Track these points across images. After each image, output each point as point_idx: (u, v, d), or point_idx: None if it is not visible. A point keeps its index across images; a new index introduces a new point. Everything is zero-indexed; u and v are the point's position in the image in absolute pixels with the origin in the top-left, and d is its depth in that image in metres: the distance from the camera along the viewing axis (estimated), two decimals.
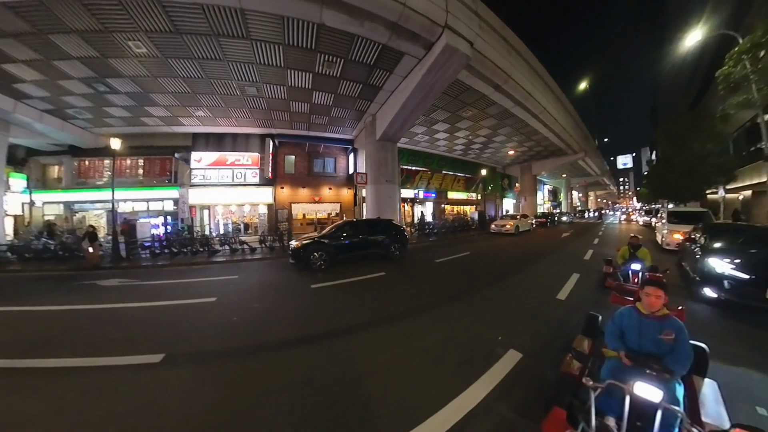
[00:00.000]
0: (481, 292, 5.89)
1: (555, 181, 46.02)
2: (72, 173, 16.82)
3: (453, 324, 4.27)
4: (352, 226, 9.54)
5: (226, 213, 18.38)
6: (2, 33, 7.96)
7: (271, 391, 2.73)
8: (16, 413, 2.52)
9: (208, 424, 2.33)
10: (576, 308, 4.75)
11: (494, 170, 29.83)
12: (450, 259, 9.72)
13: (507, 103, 13.58)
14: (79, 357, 3.48)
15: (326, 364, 3.22)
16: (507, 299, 5.38)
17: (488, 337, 3.78)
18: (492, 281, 6.70)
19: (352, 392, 2.70)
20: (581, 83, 45.20)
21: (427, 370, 3.05)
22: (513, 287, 6.21)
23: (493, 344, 3.55)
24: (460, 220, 21.43)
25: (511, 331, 3.90)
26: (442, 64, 8.87)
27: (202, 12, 7.23)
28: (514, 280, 6.81)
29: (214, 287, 6.62)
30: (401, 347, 3.59)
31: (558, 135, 19.85)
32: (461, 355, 3.34)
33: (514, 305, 5.03)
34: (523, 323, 4.23)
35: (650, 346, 2.08)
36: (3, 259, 10.67)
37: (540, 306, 4.95)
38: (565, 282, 6.33)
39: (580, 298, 5.38)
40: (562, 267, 7.98)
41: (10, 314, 5.28)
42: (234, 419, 2.38)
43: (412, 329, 4.13)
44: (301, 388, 2.77)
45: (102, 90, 11.45)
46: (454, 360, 3.25)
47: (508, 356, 3.24)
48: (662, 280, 2.19)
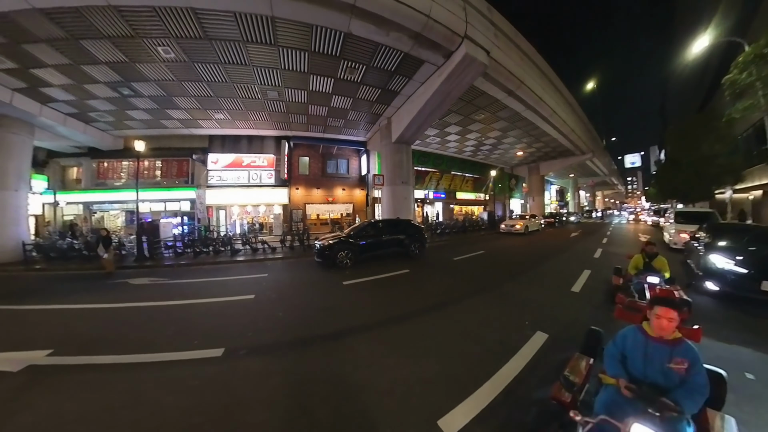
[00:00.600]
0: (502, 286, 6.33)
1: (562, 181, 46.15)
2: (91, 174, 17.23)
3: (483, 312, 4.78)
4: (374, 226, 9.93)
5: (242, 213, 18.72)
6: (35, 38, 8.22)
7: (342, 375, 3.01)
8: (95, 408, 2.60)
9: (291, 410, 2.49)
10: (589, 300, 5.38)
11: (502, 171, 30.03)
12: (467, 257, 10.11)
13: (519, 107, 13.85)
14: (141, 353, 3.62)
15: (384, 349, 3.57)
16: (527, 292, 5.89)
17: (516, 322, 4.34)
18: (510, 276, 7.14)
19: (415, 369, 3.09)
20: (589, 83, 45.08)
21: (471, 349, 3.55)
22: (530, 282, 6.69)
23: (521, 328, 4.12)
24: (470, 220, 21.69)
25: (535, 318, 4.47)
26: (460, 72, 9.15)
27: (234, 19, 7.48)
28: (530, 275, 7.29)
29: (248, 285, 6.90)
30: (444, 332, 4.05)
31: (567, 136, 20.07)
32: (497, 337, 3.87)
33: (534, 296, 5.57)
34: (544, 311, 4.79)
35: (657, 375, 1.73)
36: (29, 259, 11.04)
37: (557, 297, 5.53)
38: (578, 277, 6.81)
39: (592, 290, 5.94)
40: (574, 264, 8.41)
41: (58, 312, 5.45)
42: (313, 405, 2.55)
43: (449, 317, 4.59)
44: (366, 369, 3.11)
45: (126, 93, 11.73)
46: (491, 340, 3.77)
47: (536, 337, 3.81)
48: (675, 299, 1.85)
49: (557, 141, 20.76)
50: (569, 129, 19.18)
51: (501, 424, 2.31)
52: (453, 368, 3.12)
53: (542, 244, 13.13)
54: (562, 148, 23.48)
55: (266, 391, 2.78)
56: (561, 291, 5.89)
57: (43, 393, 2.90)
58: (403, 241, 9.79)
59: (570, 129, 19.29)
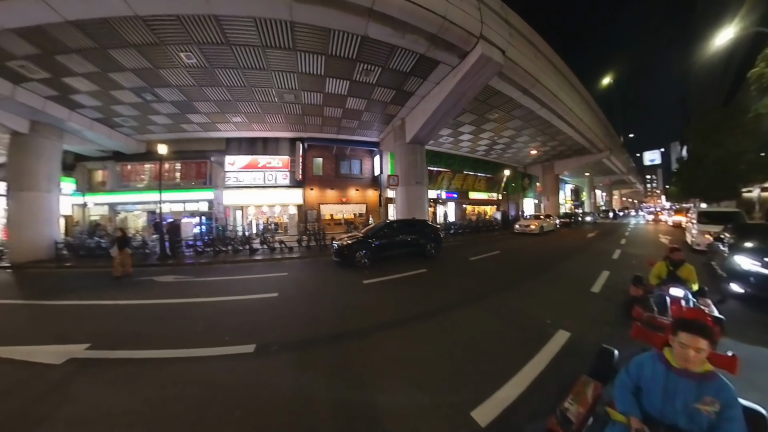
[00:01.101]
0: (521, 286, 6.35)
1: (577, 180, 45.07)
2: (115, 177, 17.97)
3: (505, 311, 4.83)
4: (391, 226, 10.01)
5: (258, 213, 19.14)
6: (67, 49, 8.67)
7: (374, 369, 3.12)
8: (136, 401, 2.69)
9: (331, 403, 2.57)
10: (609, 300, 5.35)
11: (515, 170, 29.61)
12: (482, 257, 10.11)
13: (534, 105, 13.68)
14: (174, 348, 3.71)
15: (412, 345, 3.68)
16: (546, 291, 5.91)
17: (538, 321, 4.38)
18: (528, 277, 7.13)
19: (443, 364, 3.22)
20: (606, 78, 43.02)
21: (497, 346, 3.65)
22: (549, 282, 6.69)
23: (543, 326, 4.15)
24: (483, 220, 21.50)
25: (556, 317, 4.49)
26: (475, 72, 9.13)
27: (254, 25, 7.68)
28: (548, 275, 7.28)
29: (270, 283, 7.08)
30: (468, 330, 4.14)
31: (583, 134, 19.66)
32: (520, 334, 3.95)
33: (554, 296, 5.59)
34: (565, 310, 4.79)
35: (679, 416, 1.40)
36: (60, 256, 11.69)
37: (577, 297, 5.54)
38: (596, 278, 6.75)
39: (612, 291, 5.87)
40: (592, 265, 8.32)
41: (92, 308, 5.68)
42: (350, 398, 2.64)
43: (471, 316, 4.67)
44: (396, 364, 3.22)
45: (149, 99, 12.19)
46: (515, 338, 3.86)
47: (558, 335, 3.82)
48: (705, 324, 1.44)
49: (573, 139, 20.35)
50: (585, 126, 18.78)
51: (531, 414, 2.40)
52: (480, 363, 3.21)
53: (558, 245, 12.95)
54: (578, 147, 22.99)
55: (304, 385, 2.88)
56: (580, 291, 5.88)
57: (85, 385, 3.04)
58: (419, 241, 9.84)
59: (586, 126, 18.88)
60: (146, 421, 2.45)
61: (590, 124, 19.53)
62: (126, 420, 2.47)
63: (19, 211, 12.03)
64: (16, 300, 6.52)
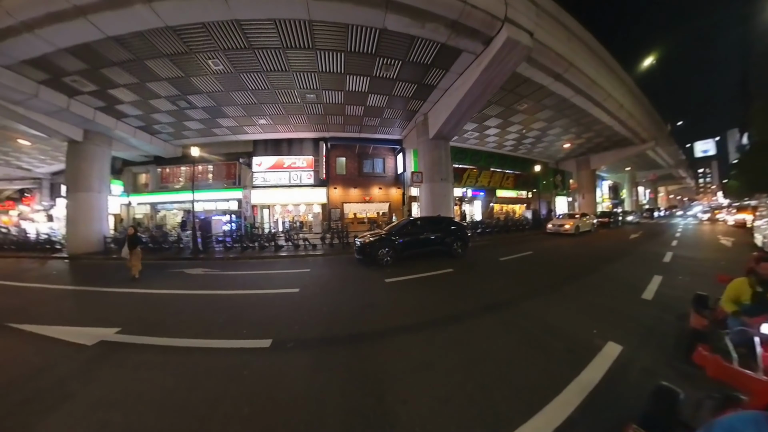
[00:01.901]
0: (559, 290, 5.76)
1: (616, 175, 41.60)
2: (156, 179, 19.66)
3: (542, 317, 4.34)
4: (415, 223, 9.74)
5: (284, 212, 19.79)
6: (110, 62, 9.47)
7: (394, 376, 2.86)
8: (154, 388, 2.80)
9: (341, 410, 2.39)
10: (666, 309, 4.59)
11: (546, 166, 27.92)
12: (513, 258, 9.47)
13: (567, 92, 12.70)
14: (195, 338, 3.83)
15: (437, 351, 3.37)
16: (589, 297, 5.27)
17: (583, 329, 3.86)
18: (566, 280, 6.47)
19: (473, 375, 2.83)
20: (649, 58, 37.69)
21: (534, 357, 3.20)
22: (591, 286, 6.00)
23: (589, 336, 3.64)
24: (512, 219, 20.49)
25: (603, 326, 3.96)
26: (502, 58, 8.59)
27: (274, 26, 7.86)
28: (589, 279, 6.57)
29: (293, 279, 7.17)
30: (501, 337, 3.73)
31: (623, 123, 17.97)
32: (562, 345, 3.46)
33: (598, 302, 4.97)
34: (613, 319, 4.24)
35: None
36: (108, 249, 13.11)
37: (626, 304, 4.87)
38: (647, 283, 5.96)
39: (669, 299, 5.08)
40: (640, 269, 7.43)
41: (126, 295, 6.19)
42: (365, 407, 2.41)
43: (504, 321, 4.25)
44: (423, 372, 2.93)
45: (183, 106, 13.04)
46: (556, 348, 3.38)
47: (608, 348, 3.33)
48: None
49: (612, 129, 18.69)
50: (626, 114, 17.16)
51: None
52: (516, 377, 2.80)
53: (598, 246, 11.90)
54: (618, 137, 21.09)
55: (316, 388, 2.72)
56: (630, 298, 5.20)
57: (111, 367, 3.23)
58: (444, 239, 9.47)
59: (627, 114, 17.24)
60: (160, 409, 2.49)
61: (632, 111, 17.82)
62: (142, 406, 2.52)
63: (75, 209, 13.57)
64: (67, 286, 7.35)
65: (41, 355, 3.55)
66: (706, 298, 3.42)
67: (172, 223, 19.40)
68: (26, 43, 8.18)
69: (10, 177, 23.86)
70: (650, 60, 27.93)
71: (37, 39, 7.99)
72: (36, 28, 7.60)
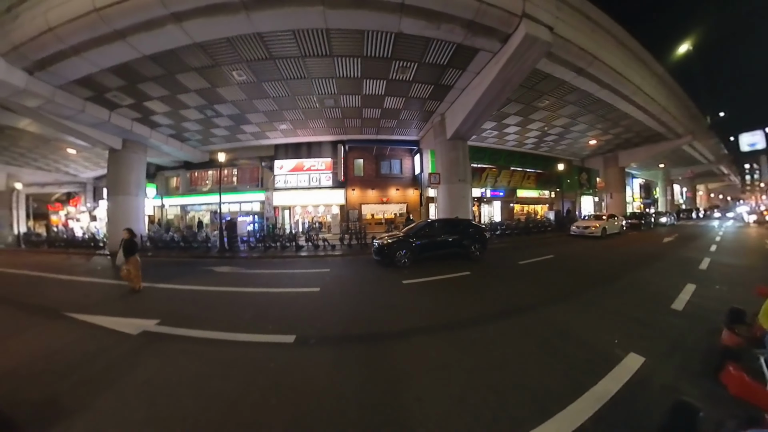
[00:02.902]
0: (581, 296, 5.54)
1: (648, 173, 39.06)
2: (186, 182, 21.07)
3: (561, 323, 4.23)
4: (433, 225, 9.76)
5: (304, 213, 20.42)
6: (144, 78, 10.26)
7: (411, 375, 2.93)
8: (191, 375, 3.05)
9: (362, 405, 2.48)
10: (696, 322, 4.23)
11: (570, 164, 26.76)
12: (534, 261, 9.18)
13: (592, 87, 12.18)
14: (225, 331, 4.09)
15: (453, 353, 3.39)
16: (613, 305, 5.02)
17: (604, 339, 3.71)
18: (590, 286, 6.21)
19: (488, 379, 2.84)
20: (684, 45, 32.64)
21: (550, 364, 3.15)
22: (616, 293, 5.70)
23: (610, 346, 3.51)
24: (533, 220, 19.84)
25: (626, 336, 3.78)
26: (520, 55, 8.42)
27: (293, 37, 8.19)
28: (615, 286, 6.23)
29: (313, 279, 7.40)
30: (518, 342, 3.69)
31: (656, 117, 16.90)
32: (580, 353, 3.36)
33: (622, 311, 4.73)
34: (637, 329, 4.02)
35: None
36: (144, 248, 14.07)
37: (653, 314, 4.58)
38: (679, 292, 5.53)
39: (700, 311, 4.66)
40: (672, 276, 6.89)
41: (163, 290, 6.70)
42: (383, 403, 2.49)
43: (522, 326, 4.18)
44: (439, 373, 2.98)
45: (210, 115, 13.83)
46: (574, 356, 3.30)
47: (629, 359, 3.17)
48: None
49: (642, 124, 17.65)
50: (658, 107, 16.14)
51: None
52: (530, 382, 2.78)
53: (626, 250, 11.20)
54: (650, 132, 19.87)
55: (336, 382, 2.84)
56: (657, 307, 4.88)
57: (152, 355, 3.56)
58: (462, 241, 9.38)
59: (659, 107, 16.22)
60: (198, 393, 2.74)
61: (665, 103, 16.74)
62: (182, 390, 2.80)
63: (115, 210, 15.02)
64: (110, 280, 8.18)
65: (94, 341, 4.01)
66: (743, 313, 3.13)
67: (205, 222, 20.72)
68: (74, 65, 9.17)
69: (59, 182, 26.35)
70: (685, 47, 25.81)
71: (83, 61, 8.92)
72: (82, 52, 8.50)
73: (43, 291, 7.02)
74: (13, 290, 7.12)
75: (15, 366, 3.36)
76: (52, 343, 3.97)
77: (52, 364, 3.39)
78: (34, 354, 3.65)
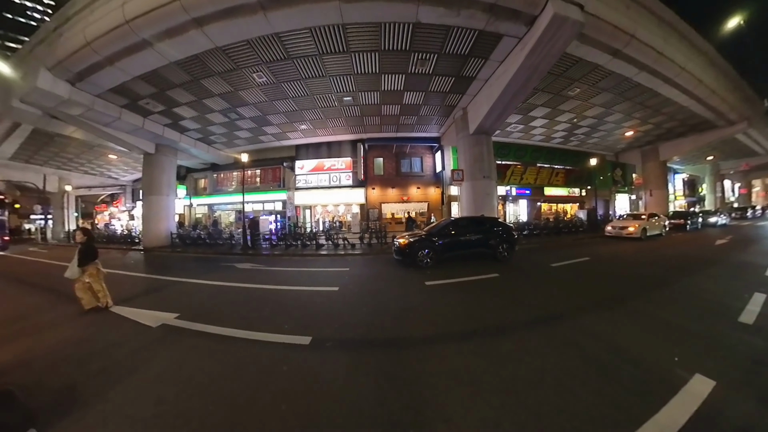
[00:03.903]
0: (626, 304, 4.90)
1: (694, 167, 35.59)
2: (212, 183, 22.12)
3: (608, 336, 3.67)
4: (457, 224, 9.31)
5: (324, 212, 20.68)
6: (173, 85, 10.76)
7: (436, 389, 2.64)
8: (202, 373, 2.99)
9: (378, 420, 2.26)
10: None
11: (603, 158, 24.93)
12: (567, 263, 8.45)
13: (629, 70, 11.09)
14: (241, 329, 4.05)
15: (482, 365, 3.02)
16: (663, 315, 4.36)
17: (659, 356, 3.15)
18: (635, 293, 5.51)
19: (526, 398, 2.47)
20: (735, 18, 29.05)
21: (599, 383, 2.68)
22: (665, 302, 4.99)
23: (669, 364, 2.97)
24: (563, 220, 18.68)
25: (686, 353, 3.20)
26: (548, 39, 7.79)
27: (310, 35, 8.18)
28: (663, 293, 5.48)
29: (332, 277, 7.31)
30: (558, 354, 3.23)
31: (703, 101, 15.16)
32: (634, 372, 2.85)
33: (676, 323, 4.07)
34: (699, 345, 3.40)
35: None
36: (174, 244, 15.26)
37: (717, 328, 3.90)
38: (746, 303, 4.73)
39: None
40: (733, 283, 5.99)
41: (186, 284, 7.01)
42: (404, 420, 2.26)
43: (561, 336, 3.68)
44: (469, 388, 2.64)
45: (233, 118, 14.32)
46: (627, 376, 2.79)
47: (695, 382, 2.64)
48: None
49: (688, 110, 15.94)
50: (707, 90, 14.42)
51: None
52: (577, 406, 2.38)
53: (671, 254, 10.02)
54: (696, 120, 17.96)
55: (352, 393, 2.62)
56: (721, 320, 4.19)
57: (168, 348, 3.62)
58: (489, 241, 8.85)
59: (708, 90, 14.47)
60: (205, 393, 2.68)
61: (714, 86, 14.94)
62: (191, 389, 2.75)
63: (149, 210, 16.17)
64: (140, 273, 8.78)
65: (117, 331, 4.23)
66: None
67: (227, 222, 21.89)
68: (109, 75, 9.88)
69: (103, 184, 29.46)
70: (736, 20, 23.03)
71: (116, 70, 9.58)
72: (116, 61, 9.18)
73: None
74: (58, 281, 7.68)
75: (46, 351, 3.64)
76: (82, 331, 4.27)
77: (78, 351, 3.61)
78: (66, 340, 3.96)
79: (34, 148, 19.24)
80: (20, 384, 2.61)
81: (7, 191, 18.89)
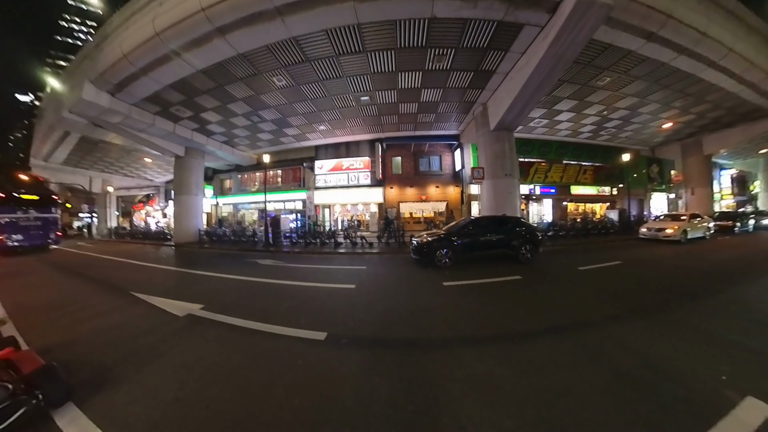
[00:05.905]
0: (663, 313, 4.46)
1: (744, 162, 32.00)
2: (237, 183, 23.30)
3: (642, 348, 3.34)
4: (477, 223, 9.03)
5: (343, 211, 21.00)
6: (199, 91, 11.35)
7: (453, 395, 2.53)
8: (222, 362, 3.14)
9: (391, 421, 2.20)
10: None
11: (637, 153, 23.19)
12: (597, 267, 7.89)
13: (666, 55, 10.10)
14: (260, 322, 4.19)
15: (503, 373, 2.86)
16: (708, 327, 3.90)
17: (703, 372, 2.82)
18: (673, 301, 5.02)
19: (551, 413, 2.27)
20: None
21: (635, 402, 2.40)
22: (711, 313, 4.47)
23: (714, 383, 2.63)
24: (591, 220, 17.61)
25: (735, 371, 2.82)
26: (573, 25, 7.29)
27: (326, 36, 8.31)
28: (707, 303, 4.93)
29: (349, 275, 7.36)
30: (587, 366, 2.97)
31: (755, 87, 13.46)
32: (674, 391, 2.55)
33: (723, 336, 3.62)
34: (751, 363, 3.01)
35: None
36: (202, 240, 16.17)
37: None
38: None
39: None
40: None
41: (211, 278, 7.36)
42: (414, 424, 2.19)
43: (591, 346, 3.39)
44: (488, 396, 2.51)
45: (255, 121, 14.89)
46: (667, 395, 2.51)
47: (747, 405, 2.33)
48: None
49: (736, 96, 14.26)
50: (761, 73, 12.71)
51: None
52: (606, 424, 2.14)
53: (717, 259, 9.01)
54: (746, 108, 16.15)
55: (366, 392, 2.58)
56: None
57: (192, 338, 3.82)
58: (511, 242, 8.51)
59: (762, 73, 12.67)
60: (224, 382, 2.80)
61: None
62: (211, 376, 2.90)
63: (179, 208, 17.54)
64: (171, 267, 9.45)
65: (147, 319, 4.54)
66: None
67: (249, 221, 23.09)
68: (143, 84, 10.65)
69: (140, 185, 32.47)
70: None
71: (149, 80, 10.29)
72: (149, 72, 9.88)
73: (121, 273, 8.38)
74: (100, 271, 8.81)
75: (87, 335, 4.02)
76: (117, 317, 4.66)
77: (112, 336, 3.94)
78: (103, 325, 4.34)
79: (82, 153, 21.22)
80: (63, 361, 2.84)
81: (59, 192, 20.98)
